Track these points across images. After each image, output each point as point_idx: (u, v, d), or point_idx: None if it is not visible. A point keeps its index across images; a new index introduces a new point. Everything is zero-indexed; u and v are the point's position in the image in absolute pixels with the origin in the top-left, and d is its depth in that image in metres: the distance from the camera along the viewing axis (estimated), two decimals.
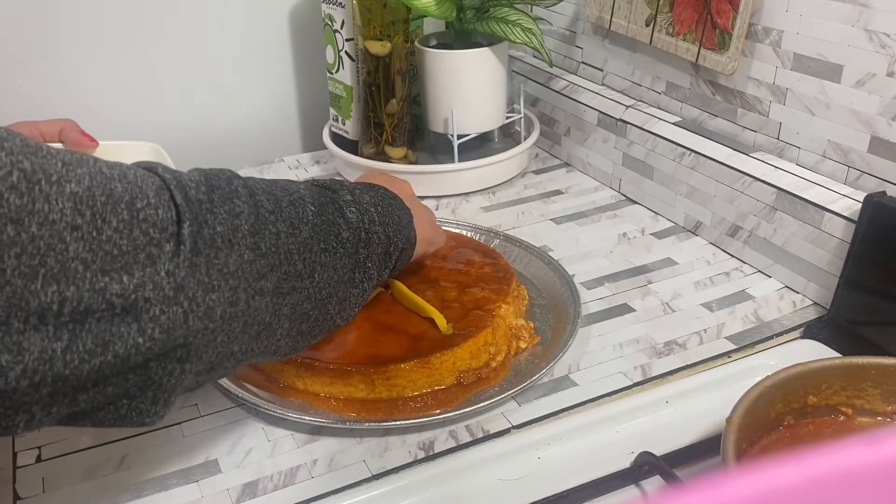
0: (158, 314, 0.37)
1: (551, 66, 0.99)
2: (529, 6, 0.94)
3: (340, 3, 0.91)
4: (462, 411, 0.56)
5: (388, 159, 0.92)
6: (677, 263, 0.78)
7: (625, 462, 0.53)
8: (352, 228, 0.52)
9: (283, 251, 0.45)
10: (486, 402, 0.57)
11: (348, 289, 0.52)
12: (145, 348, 0.37)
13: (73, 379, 0.35)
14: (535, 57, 1.07)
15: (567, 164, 1.01)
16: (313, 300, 0.48)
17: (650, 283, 0.74)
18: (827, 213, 0.67)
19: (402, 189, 0.63)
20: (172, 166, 0.82)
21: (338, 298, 0.51)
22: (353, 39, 0.91)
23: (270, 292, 0.44)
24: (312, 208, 0.49)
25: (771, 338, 0.66)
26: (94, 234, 0.35)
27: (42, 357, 0.34)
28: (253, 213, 0.44)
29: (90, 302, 0.35)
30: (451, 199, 0.92)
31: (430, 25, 1.02)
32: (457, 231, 0.79)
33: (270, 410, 0.57)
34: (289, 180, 0.51)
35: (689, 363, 0.63)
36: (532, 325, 0.67)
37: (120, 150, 0.81)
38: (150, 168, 0.42)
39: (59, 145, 0.78)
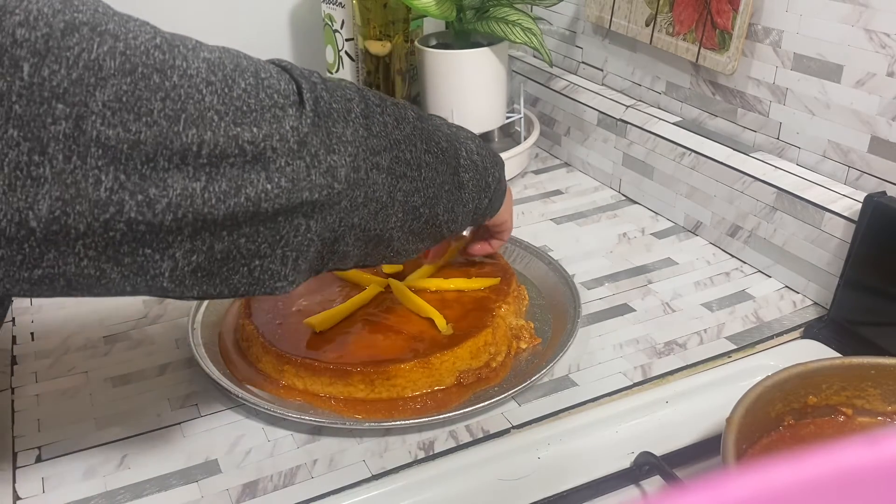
0: (284, 165, 0.41)
1: (551, 66, 0.99)
2: (529, 6, 0.94)
3: (340, 3, 0.91)
4: (462, 411, 0.56)
5: None
6: (677, 263, 0.78)
7: (625, 462, 0.53)
8: (450, 142, 0.54)
9: (392, 138, 0.48)
10: (486, 402, 0.57)
11: (455, 201, 0.54)
12: (273, 195, 0.41)
13: (211, 220, 0.39)
14: (535, 57, 1.07)
15: (567, 164, 1.01)
16: (423, 195, 0.51)
17: (650, 283, 0.74)
18: (827, 213, 0.67)
19: None
20: None
21: (445, 206, 0.53)
22: (353, 39, 0.91)
23: (386, 170, 0.47)
24: (413, 113, 0.52)
25: (771, 338, 0.66)
26: (226, 90, 0.40)
27: (184, 193, 0.38)
28: (362, 101, 0.47)
29: (224, 146, 0.39)
30: None
31: (430, 25, 1.02)
32: None
33: (270, 410, 0.57)
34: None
35: (689, 363, 0.63)
36: (532, 325, 0.67)
37: None
38: (271, 60, 0.46)
39: None
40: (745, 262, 0.77)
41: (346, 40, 0.92)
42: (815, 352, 0.63)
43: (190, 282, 0.41)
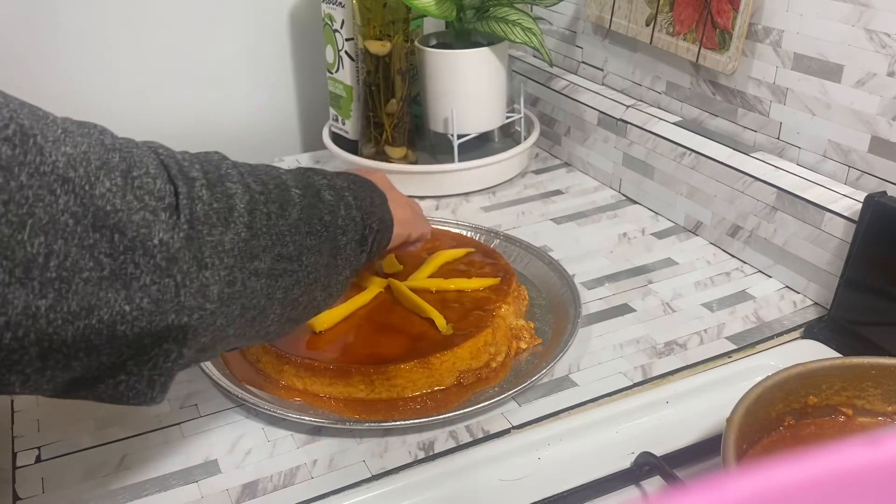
0: (148, 283, 0.36)
1: (551, 66, 0.99)
2: (529, 6, 0.94)
3: (340, 3, 0.91)
4: (462, 411, 0.56)
5: (387, 159, 0.92)
6: (678, 263, 0.78)
7: (625, 462, 0.53)
8: (332, 212, 0.51)
9: (274, 232, 0.45)
10: (486, 403, 0.57)
11: (331, 275, 0.51)
12: (131, 318, 0.36)
13: (59, 340, 0.35)
14: (535, 57, 1.07)
15: (567, 164, 1.01)
16: (302, 285, 0.48)
17: (650, 283, 0.74)
18: (827, 213, 0.67)
19: (376, 178, 0.61)
20: None
21: (322, 284, 0.50)
22: (353, 39, 0.91)
23: (265, 274, 0.44)
24: (297, 191, 0.49)
25: (771, 338, 0.66)
26: (87, 188, 0.35)
27: (26, 312, 0.33)
28: (246, 193, 0.44)
29: (77, 258, 0.34)
30: (451, 199, 0.92)
31: (430, 25, 1.02)
32: (457, 231, 0.79)
33: (270, 410, 0.57)
34: (267, 164, 0.50)
35: (689, 363, 0.63)
36: (532, 325, 0.67)
37: None
38: (151, 146, 0.41)
39: None
40: (745, 262, 0.77)
41: (346, 40, 0.92)
42: (816, 352, 0.63)
43: (48, 387, 0.37)
